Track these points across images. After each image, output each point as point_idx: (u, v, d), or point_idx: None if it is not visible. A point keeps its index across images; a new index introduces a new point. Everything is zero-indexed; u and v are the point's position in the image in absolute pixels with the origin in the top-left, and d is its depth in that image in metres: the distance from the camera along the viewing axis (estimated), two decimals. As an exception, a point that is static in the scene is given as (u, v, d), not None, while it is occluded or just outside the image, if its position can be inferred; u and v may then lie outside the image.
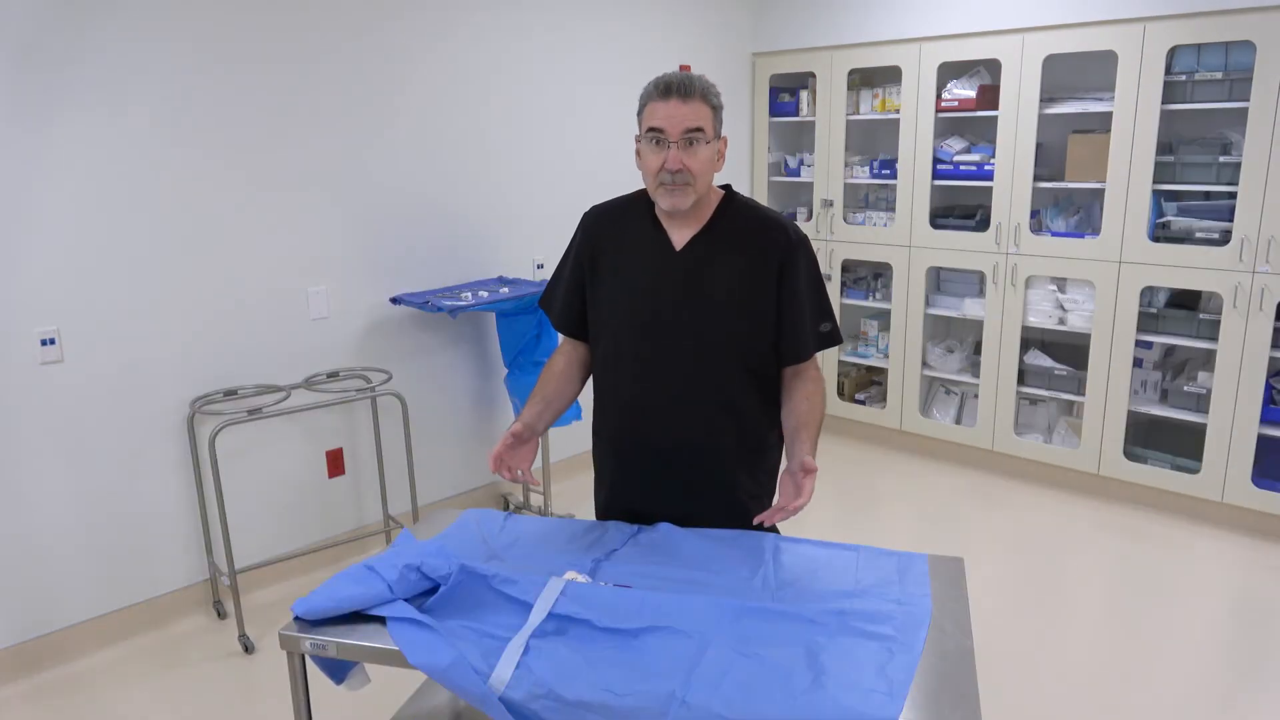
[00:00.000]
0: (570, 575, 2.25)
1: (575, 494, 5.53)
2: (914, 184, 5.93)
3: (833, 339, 2.66)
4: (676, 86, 2.42)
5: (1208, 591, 4.47)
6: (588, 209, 2.73)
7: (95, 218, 3.87)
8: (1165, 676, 3.80)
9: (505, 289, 4.90)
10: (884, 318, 6.41)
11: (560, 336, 2.86)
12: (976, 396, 6.01)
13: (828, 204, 6.38)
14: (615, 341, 2.62)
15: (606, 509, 2.77)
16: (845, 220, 6.35)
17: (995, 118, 5.57)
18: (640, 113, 2.49)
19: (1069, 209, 5.61)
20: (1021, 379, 5.74)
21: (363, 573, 2.19)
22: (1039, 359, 5.73)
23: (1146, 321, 5.25)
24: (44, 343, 3.81)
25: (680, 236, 2.56)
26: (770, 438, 2.68)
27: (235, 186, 4.23)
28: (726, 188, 2.63)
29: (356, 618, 2.14)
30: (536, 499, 5.38)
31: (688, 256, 2.54)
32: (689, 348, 2.53)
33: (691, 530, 2.53)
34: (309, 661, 2.18)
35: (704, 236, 2.55)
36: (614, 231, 2.65)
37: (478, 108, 5.07)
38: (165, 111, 3.98)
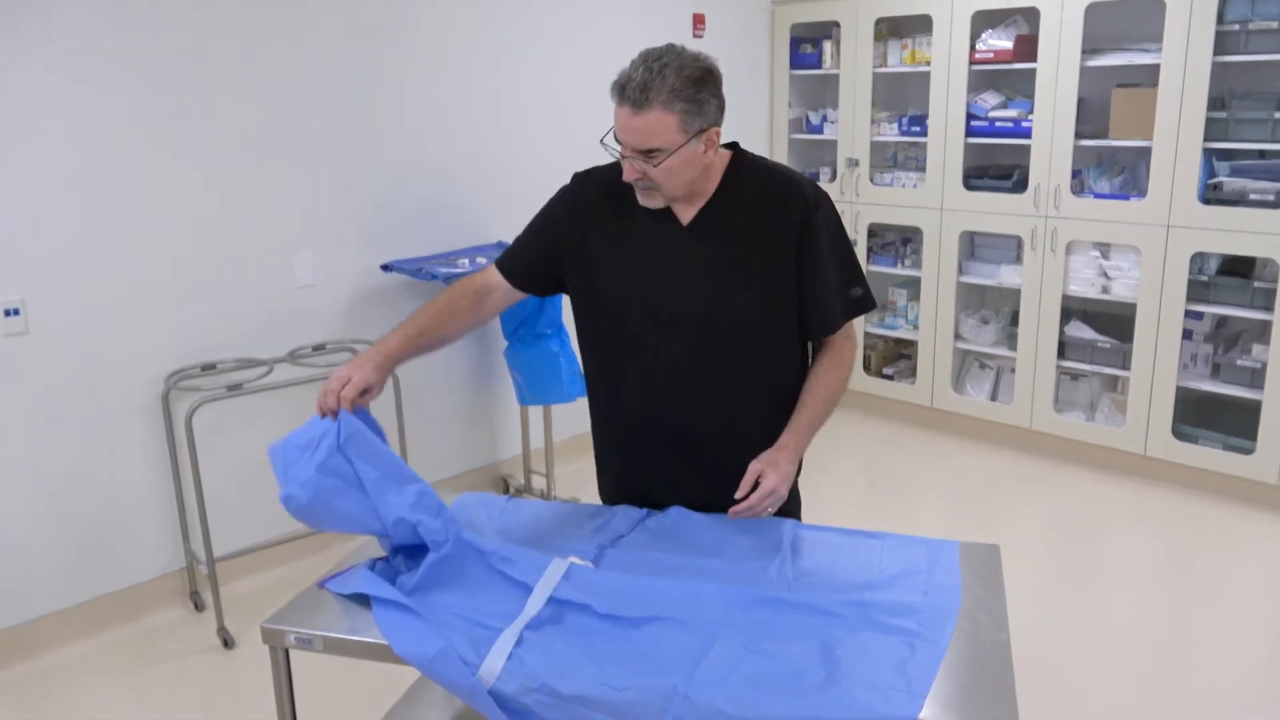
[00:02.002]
0: (574, 560, 2.24)
1: (580, 476, 5.52)
2: (946, 142, 5.89)
3: (865, 304, 2.60)
4: (630, 91, 2.25)
5: (1262, 581, 4.46)
6: (577, 172, 2.66)
7: (64, 180, 3.85)
8: (1216, 673, 3.78)
9: (504, 256, 4.87)
10: (913, 286, 6.39)
11: (491, 271, 2.70)
12: (1013, 371, 5.99)
13: (853, 163, 6.35)
14: (622, 327, 2.55)
15: (614, 500, 2.75)
16: (871, 181, 6.32)
17: (1033, 70, 5.52)
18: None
19: (1113, 169, 5.57)
20: (1062, 352, 5.72)
21: (358, 495, 2.25)
22: (1081, 331, 5.70)
23: (1197, 290, 5.21)
24: (7, 313, 3.80)
25: (686, 211, 2.49)
26: None
27: (214, 146, 4.21)
28: (734, 146, 2.55)
29: (346, 609, 2.15)
30: (539, 482, 5.37)
31: (697, 233, 2.48)
32: (705, 330, 2.48)
33: (705, 515, 2.52)
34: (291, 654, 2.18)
35: (712, 208, 2.48)
36: (610, 203, 2.55)
37: (476, 60, 5.03)
38: (139, 69, 3.96)
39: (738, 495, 2.39)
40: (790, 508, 2.66)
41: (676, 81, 2.25)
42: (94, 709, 3.70)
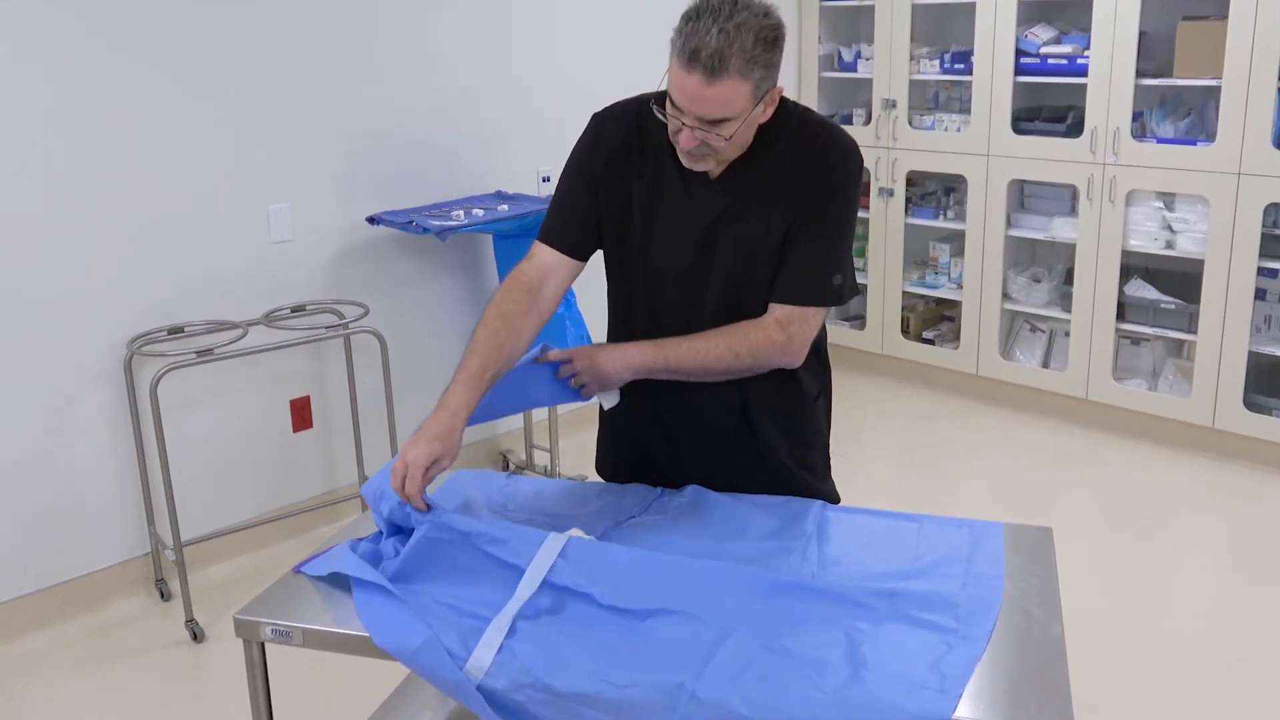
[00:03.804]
0: (574, 533, 2.24)
1: (587, 452, 5.49)
2: (993, 81, 5.86)
3: (839, 296, 2.51)
4: (705, 60, 2.16)
5: (1342, 567, 4.45)
6: (595, 113, 2.63)
7: (11, 123, 3.83)
8: (1290, 668, 3.78)
9: (504, 206, 4.86)
10: (957, 240, 6.37)
11: (538, 254, 2.60)
12: (1067, 335, 5.98)
13: (889, 105, 6.33)
14: (645, 284, 2.57)
15: (614, 473, 2.79)
16: (910, 124, 6.30)
17: (1090, 1, 5.48)
18: (671, 48, 2.28)
19: (1178, 110, 5.53)
20: (1121, 314, 5.70)
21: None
22: (1142, 290, 5.68)
23: (1271, 245, 5.18)
24: (-48, 272, 3.80)
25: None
26: (813, 393, 2.68)
27: (181, 85, 4.19)
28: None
29: (327, 598, 2.16)
30: (542, 458, 5.37)
31: (725, 187, 2.46)
32: (721, 294, 2.49)
33: (725, 495, 2.55)
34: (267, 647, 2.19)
35: (746, 162, 2.45)
36: (638, 143, 2.54)
37: (468, -11, 5.02)
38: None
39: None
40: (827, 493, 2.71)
41: (754, 47, 2.21)
42: (50, 707, 3.71)
